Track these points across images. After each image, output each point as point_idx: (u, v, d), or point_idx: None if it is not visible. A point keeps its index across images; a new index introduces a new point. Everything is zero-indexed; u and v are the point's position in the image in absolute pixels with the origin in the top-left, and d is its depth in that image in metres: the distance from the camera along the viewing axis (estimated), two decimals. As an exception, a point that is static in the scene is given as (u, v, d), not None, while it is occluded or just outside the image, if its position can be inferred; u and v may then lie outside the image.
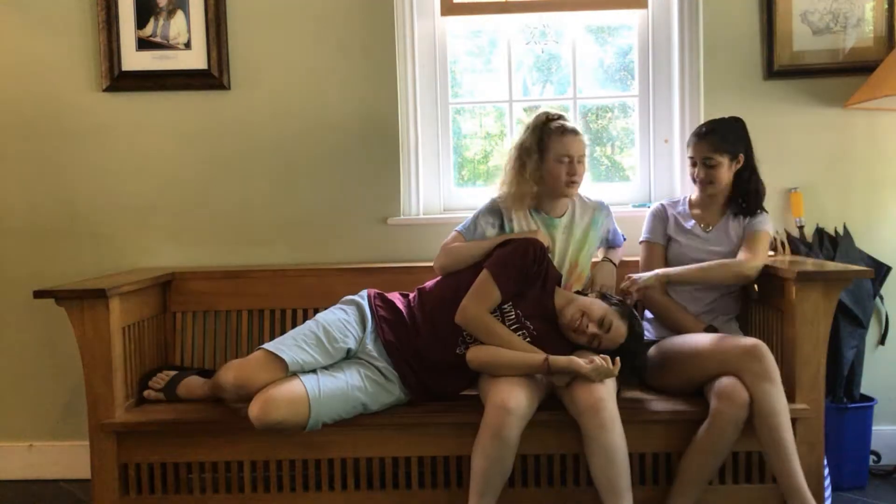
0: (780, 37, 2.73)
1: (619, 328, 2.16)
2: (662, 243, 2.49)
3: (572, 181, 2.35)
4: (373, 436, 2.21)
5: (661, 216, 2.51)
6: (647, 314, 2.51)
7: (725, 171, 2.40)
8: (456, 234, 2.42)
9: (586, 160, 2.39)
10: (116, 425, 2.24)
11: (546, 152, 2.35)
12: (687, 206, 2.52)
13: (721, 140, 2.39)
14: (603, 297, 2.23)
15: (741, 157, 2.42)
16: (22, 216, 2.86)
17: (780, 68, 2.74)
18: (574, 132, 2.36)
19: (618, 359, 2.07)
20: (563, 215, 2.43)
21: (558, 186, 2.36)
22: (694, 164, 2.43)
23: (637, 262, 2.55)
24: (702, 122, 2.73)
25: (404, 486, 2.26)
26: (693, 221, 2.48)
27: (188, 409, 2.35)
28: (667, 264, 2.47)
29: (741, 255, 2.35)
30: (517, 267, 2.22)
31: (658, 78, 2.88)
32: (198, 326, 2.67)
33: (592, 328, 2.15)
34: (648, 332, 2.46)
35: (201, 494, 2.28)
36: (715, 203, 2.47)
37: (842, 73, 2.73)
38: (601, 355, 2.06)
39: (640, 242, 2.52)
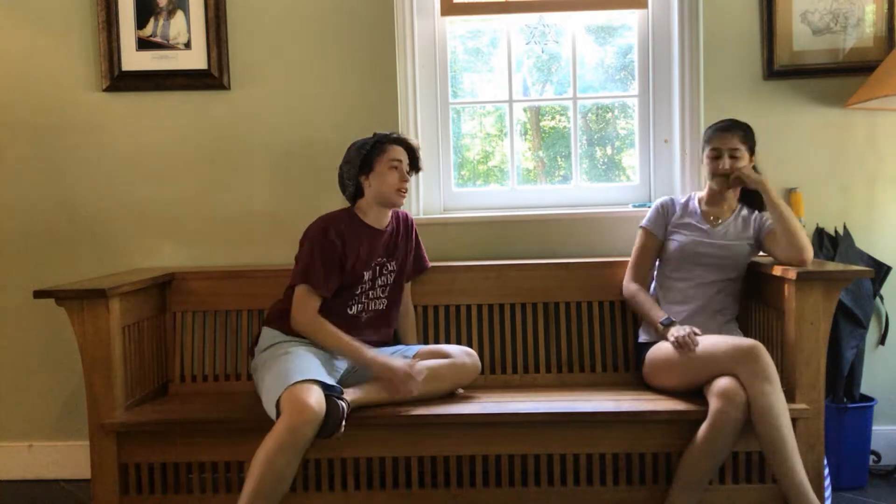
0: (780, 37, 2.73)
1: None
2: (659, 237, 2.49)
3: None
4: (373, 436, 2.22)
5: (664, 211, 2.51)
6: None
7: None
8: None
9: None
10: (116, 425, 2.24)
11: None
12: (697, 203, 2.51)
13: (745, 136, 2.41)
14: None
15: (752, 158, 2.44)
16: (22, 216, 2.86)
17: (780, 68, 2.74)
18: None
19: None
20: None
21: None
22: (716, 157, 2.41)
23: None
24: (702, 122, 2.74)
25: (404, 485, 2.26)
26: (700, 216, 2.48)
27: (188, 409, 2.35)
28: (663, 257, 2.49)
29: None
30: (321, 264, 2.30)
31: (658, 78, 2.88)
32: (198, 326, 2.67)
33: None
34: (646, 334, 2.47)
35: (201, 494, 2.28)
36: (724, 200, 2.48)
37: (842, 73, 2.73)
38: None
39: (639, 227, 2.53)
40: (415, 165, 2.49)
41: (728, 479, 2.21)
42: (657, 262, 2.53)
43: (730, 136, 2.40)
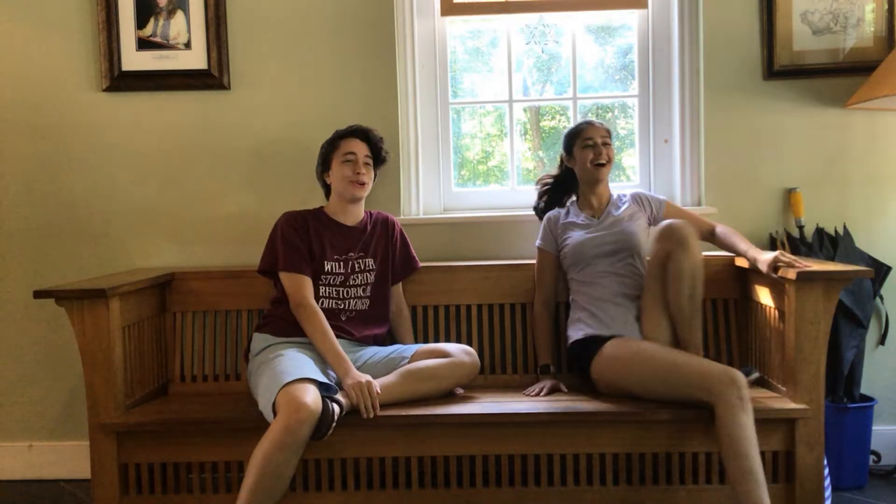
0: (780, 37, 2.73)
1: None
2: (551, 251, 2.56)
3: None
4: (373, 436, 2.22)
5: (549, 225, 2.59)
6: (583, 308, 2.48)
7: None
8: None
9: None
10: (116, 425, 2.24)
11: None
12: (576, 206, 2.60)
13: (609, 128, 2.56)
14: None
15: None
16: (22, 216, 2.86)
17: (780, 68, 2.74)
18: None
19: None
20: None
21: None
22: (590, 146, 2.50)
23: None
24: (702, 121, 2.76)
25: (404, 485, 2.26)
26: (583, 214, 2.56)
27: (188, 409, 2.35)
28: (565, 265, 2.53)
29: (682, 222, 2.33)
30: (287, 245, 2.37)
31: (658, 78, 2.88)
32: (198, 326, 2.67)
33: None
34: (581, 329, 2.41)
35: (201, 494, 2.28)
36: (597, 192, 2.57)
37: (842, 73, 2.73)
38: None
39: (536, 247, 2.60)
40: (377, 156, 2.53)
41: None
42: (568, 278, 2.55)
43: (598, 127, 2.53)
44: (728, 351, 2.57)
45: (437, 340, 2.63)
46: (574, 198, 2.64)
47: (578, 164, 2.54)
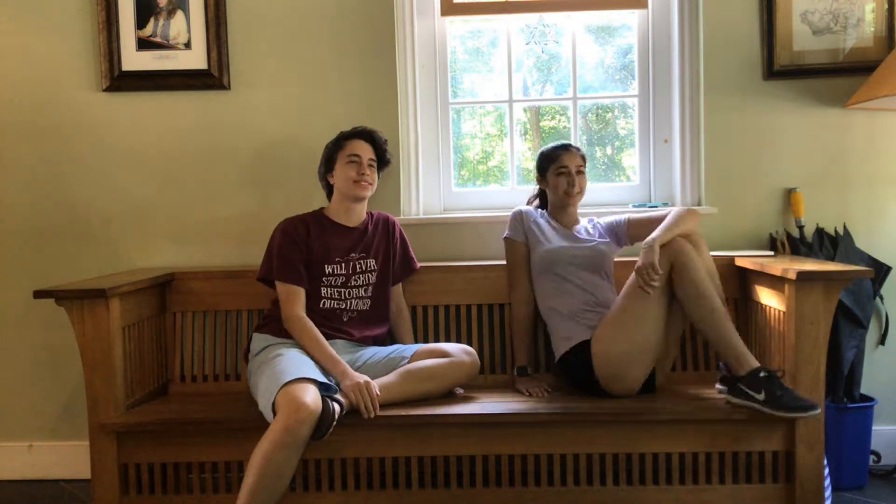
0: (780, 37, 2.73)
1: None
2: (521, 241, 2.55)
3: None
4: (373, 436, 2.22)
5: (521, 217, 2.57)
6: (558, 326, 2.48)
7: None
8: None
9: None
10: (116, 425, 2.24)
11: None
12: (548, 216, 2.59)
13: (584, 158, 2.56)
14: None
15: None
16: (22, 216, 2.86)
17: (780, 68, 2.74)
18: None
19: None
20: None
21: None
22: (564, 174, 2.50)
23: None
24: (702, 121, 2.76)
25: (404, 485, 2.26)
26: (557, 224, 2.56)
27: (188, 409, 2.35)
28: (535, 275, 2.52)
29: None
30: (282, 255, 2.37)
31: (658, 78, 2.88)
32: (198, 326, 2.67)
33: None
34: (569, 338, 2.40)
35: (201, 494, 2.28)
36: (569, 212, 2.57)
37: (842, 73, 2.73)
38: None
39: (503, 239, 2.58)
40: (381, 158, 2.54)
41: (728, 479, 2.21)
42: (535, 287, 2.53)
43: (575, 154, 2.52)
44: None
45: (436, 340, 2.63)
46: (544, 211, 2.63)
47: (551, 188, 2.55)
